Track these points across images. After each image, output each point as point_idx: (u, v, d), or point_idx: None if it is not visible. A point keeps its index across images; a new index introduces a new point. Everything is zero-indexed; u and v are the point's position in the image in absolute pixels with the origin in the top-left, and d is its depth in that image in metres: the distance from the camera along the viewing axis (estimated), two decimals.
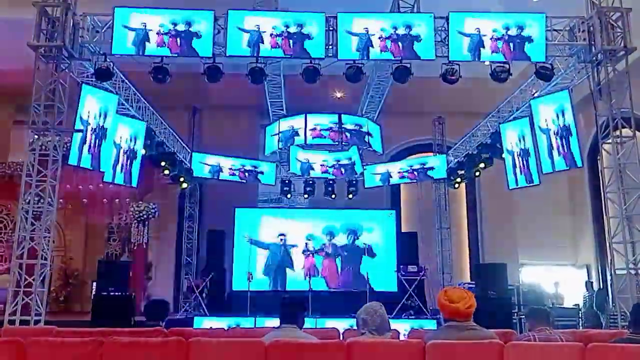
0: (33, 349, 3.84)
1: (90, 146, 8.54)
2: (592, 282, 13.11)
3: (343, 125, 12.13)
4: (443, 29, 8.23)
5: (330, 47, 8.19)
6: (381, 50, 8.22)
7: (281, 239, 13.57)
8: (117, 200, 13.51)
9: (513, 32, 8.18)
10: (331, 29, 8.20)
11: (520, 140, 10.37)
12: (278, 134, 12.43)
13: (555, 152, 9.08)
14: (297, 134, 12.19)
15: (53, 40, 7.73)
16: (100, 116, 8.71)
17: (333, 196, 14.43)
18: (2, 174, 13.24)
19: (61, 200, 10.66)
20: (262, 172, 14.04)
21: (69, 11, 7.80)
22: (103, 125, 8.81)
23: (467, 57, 8.21)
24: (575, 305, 12.35)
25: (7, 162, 13.51)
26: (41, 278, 7.48)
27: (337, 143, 12.53)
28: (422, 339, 3.66)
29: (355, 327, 3.93)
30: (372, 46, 8.19)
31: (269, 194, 16.05)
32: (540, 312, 4.19)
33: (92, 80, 8.57)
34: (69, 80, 8.00)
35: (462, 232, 16.00)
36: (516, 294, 11.71)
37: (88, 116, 8.43)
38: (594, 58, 8.11)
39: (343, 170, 13.98)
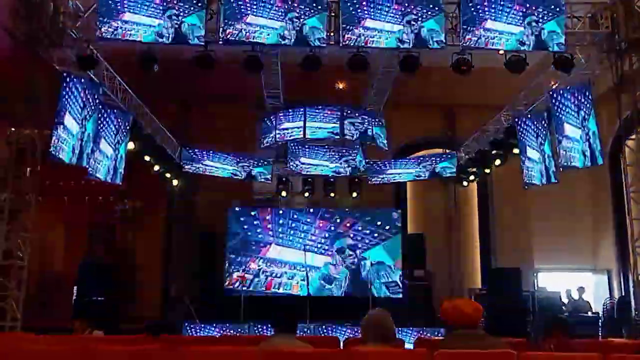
0: (9, 358, 3.86)
1: (71, 140, 8.54)
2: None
3: (345, 122, 12.16)
4: (454, 15, 8.23)
5: (332, 34, 8.19)
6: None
7: (278, 242, 13.61)
8: (100, 198, 13.53)
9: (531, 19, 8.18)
10: (333, 14, 8.20)
11: (536, 136, 10.38)
12: (275, 128, 12.46)
13: (574, 149, 9.09)
14: (298, 126, 12.23)
15: (32, 25, 7.72)
16: (83, 108, 8.71)
17: (333, 194, 14.43)
18: None
19: (40, 198, 10.67)
20: (257, 168, 14.05)
21: None
22: (86, 118, 8.81)
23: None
24: (595, 313, 12.37)
25: None
26: (17, 281, 7.50)
27: (338, 138, 12.55)
28: (429, 348, 3.68)
29: (359, 336, 3.96)
30: None
31: (264, 192, 16.07)
32: (556, 320, 4.22)
33: (74, 70, 8.57)
34: (49, 69, 8.01)
35: (473, 234, 16.00)
36: (531, 300, 11.74)
37: (70, 108, 8.44)
38: (617, 47, 8.11)
39: (344, 167, 13.99)
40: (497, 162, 12.15)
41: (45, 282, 13.71)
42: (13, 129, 7.85)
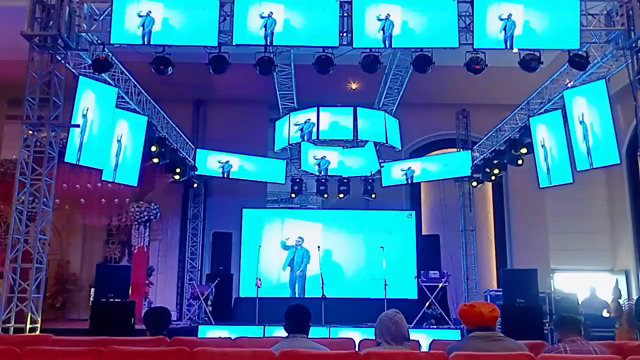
0: (28, 359, 3.91)
1: (88, 142, 8.63)
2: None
3: (359, 122, 12.14)
4: (467, 14, 8.19)
5: (345, 34, 8.20)
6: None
7: (297, 243, 13.63)
8: (116, 200, 13.61)
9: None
10: (346, 14, 8.21)
11: (552, 135, 10.29)
12: (297, 124, 12.47)
13: (590, 148, 9.00)
14: (311, 127, 12.25)
15: (48, 29, 7.81)
16: (98, 110, 8.80)
17: (345, 195, 14.41)
18: None
19: (57, 200, 10.79)
20: (271, 170, 14.09)
21: None
22: (102, 120, 8.90)
23: (495, 43, 8.14)
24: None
25: None
26: (36, 283, 7.58)
27: (351, 139, 12.54)
28: (445, 351, 3.66)
29: (372, 338, 3.94)
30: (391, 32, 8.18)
31: (278, 194, 16.12)
32: (571, 321, 4.16)
33: (89, 72, 8.66)
34: (65, 72, 8.09)
35: (488, 235, 15.91)
36: (547, 301, 11.62)
37: (86, 110, 8.53)
38: (633, 44, 8.01)
39: (358, 167, 13.97)
40: (512, 161, 12.06)
41: (63, 284, 13.87)
42: (30, 132, 7.93)
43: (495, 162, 12.72)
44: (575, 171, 9.64)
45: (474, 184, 14.15)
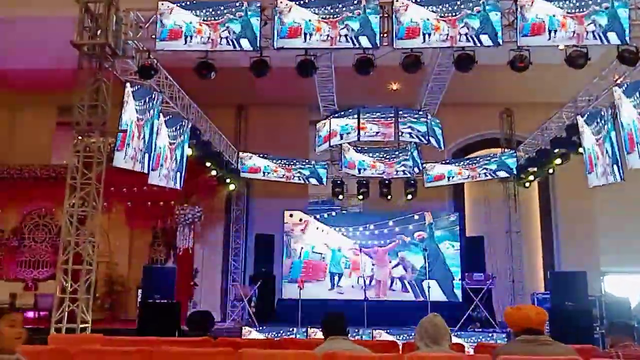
0: (81, 358, 4.05)
1: (134, 147, 8.87)
2: None
3: (400, 123, 12.08)
4: (511, 11, 8.04)
5: (385, 35, 8.16)
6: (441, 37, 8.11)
7: (337, 246, 13.68)
8: (161, 203, 13.96)
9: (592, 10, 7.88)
10: (386, 15, 8.17)
11: (601, 133, 10.00)
12: (331, 131, 12.53)
13: None
14: (352, 129, 12.26)
15: (96, 38, 8.05)
16: (144, 115, 9.04)
17: (389, 197, 14.36)
18: (45, 177, 13.96)
19: (105, 204, 11.12)
20: (312, 172, 14.16)
21: (111, 7, 8.09)
22: (148, 125, 9.13)
23: (540, 41, 7.96)
24: None
25: (50, 165, 14.23)
26: (86, 284, 7.81)
27: (393, 140, 12.48)
28: (491, 355, 3.61)
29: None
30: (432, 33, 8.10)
31: (319, 195, 16.19)
32: (623, 326, 4.04)
33: (135, 79, 8.90)
34: (112, 79, 8.34)
35: (534, 237, 15.57)
36: (598, 305, 11.30)
37: (132, 116, 8.76)
38: None
39: (400, 169, 13.90)
40: (558, 160, 11.78)
41: (111, 286, 14.27)
42: (80, 138, 8.18)
43: (540, 162, 12.44)
44: (626, 169, 9.34)
45: (527, 184, 13.85)
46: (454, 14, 7.98)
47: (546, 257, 15.27)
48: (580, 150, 10.57)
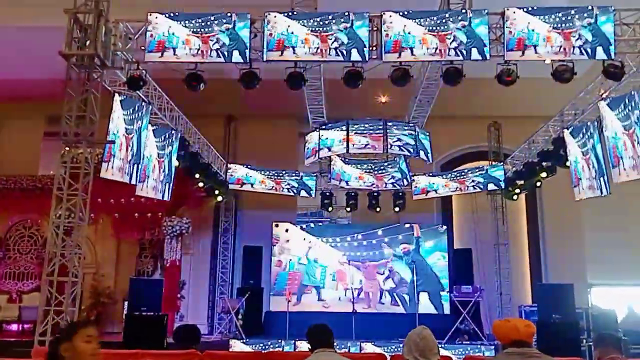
0: None
1: (122, 158, 8.81)
2: None
3: (389, 136, 12.10)
4: (498, 26, 8.14)
5: (374, 48, 8.22)
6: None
7: (314, 257, 13.66)
8: (149, 214, 13.86)
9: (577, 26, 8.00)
10: (375, 29, 8.23)
11: (587, 146, 10.10)
12: (319, 143, 12.54)
13: (627, 159, 8.79)
14: (341, 142, 12.26)
15: (85, 49, 8.02)
16: (132, 127, 9.00)
17: (378, 209, 14.37)
18: (32, 187, 13.83)
19: (92, 215, 11.02)
20: (301, 184, 14.16)
21: (101, 18, 8.06)
22: (136, 136, 9.09)
23: (526, 55, 8.05)
24: None
25: (37, 176, 14.10)
26: (72, 296, 7.71)
27: (381, 152, 12.50)
28: None
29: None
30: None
31: (308, 207, 16.18)
32: (611, 339, 4.06)
33: (124, 90, 8.87)
34: (100, 90, 8.30)
35: (522, 249, 15.63)
36: (585, 318, 11.35)
37: (120, 127, 8.72)
38: None
39: (388, 181, 13.92)
40: (545, 174, 11.88)
41: (97, 297, 14.11)
42: (67, 148, 8.12)
43: (528, 174, 12.53)
44: (612, 183, 9.43)
45: (515, 196, 13.91)
46: (442, 27, 8.07)
47: (533, 270, 15.33)
48: (567, 163, 10.66)
